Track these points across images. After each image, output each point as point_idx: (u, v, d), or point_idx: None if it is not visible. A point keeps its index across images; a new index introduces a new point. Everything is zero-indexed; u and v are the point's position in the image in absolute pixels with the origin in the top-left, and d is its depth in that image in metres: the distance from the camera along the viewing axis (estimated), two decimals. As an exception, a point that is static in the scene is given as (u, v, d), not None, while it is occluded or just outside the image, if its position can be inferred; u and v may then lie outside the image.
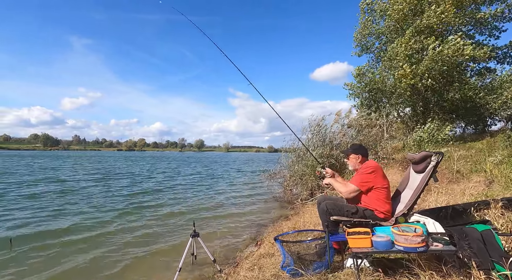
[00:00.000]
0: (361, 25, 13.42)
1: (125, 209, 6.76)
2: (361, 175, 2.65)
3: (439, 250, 1.93)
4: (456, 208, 2.96)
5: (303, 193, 6.66)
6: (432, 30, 10.52)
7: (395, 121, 13.03)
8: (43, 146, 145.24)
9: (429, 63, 9.68)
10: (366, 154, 2.84)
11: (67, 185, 10.99)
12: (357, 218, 2.58)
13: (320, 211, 2.77)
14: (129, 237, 4.70)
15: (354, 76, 13.38)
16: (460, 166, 5.63)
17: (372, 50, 14.19)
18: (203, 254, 3.25)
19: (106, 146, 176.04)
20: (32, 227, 5.22)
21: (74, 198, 8.14)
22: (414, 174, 2.70)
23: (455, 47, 9.13)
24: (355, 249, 2.11)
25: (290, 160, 7.61)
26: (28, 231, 5.01)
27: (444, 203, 3.54)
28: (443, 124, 10.10)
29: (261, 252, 3.19)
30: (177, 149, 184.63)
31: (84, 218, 5.86)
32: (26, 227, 5.23)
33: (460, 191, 4.06)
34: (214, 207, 7.23)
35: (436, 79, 10.64)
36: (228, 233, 4.82)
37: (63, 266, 3.55)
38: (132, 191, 9.67)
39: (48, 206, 7.04)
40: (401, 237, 1.97)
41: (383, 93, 12.82)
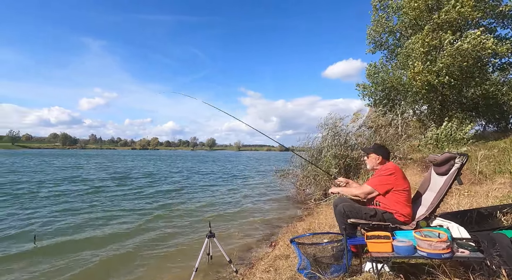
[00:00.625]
0: (374, 23, 13.10)
1: (143, 209, 6.89)
2: (379, 177, 2.58)
3: (466, 257, 1.85)
4: (481, 212, 2.83)
5: (316, 193, 6.58)
6: (451, 25, 10.11)
7: (410, 120, 12.63)
8: (62, 145, 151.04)
9: (447, 59, 9.31)
10: (387, 156, 2.76)
11: (91, 184, 11.25)
12: (375, 221, 2.51)
13: (337, 214, 2.72)
14: (146, 236, 4.78)
15: (366, 76, 13.10)
16: (483, 167, 5.39)
17: (386, 46, 13.83)
18: (218, 254, 3.27)
19: (121, 145, 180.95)
20: (56, 224, 5.45)
21: (97, 197, 8.35)
22: (436, 176, 2.60)
23: (475, 42, 8.73)
24: (375, 253, 2.06)
25: (303, 160, 7.52)
26: (52, 228, 5.24)
27: (467, 206, 3.41)
28: (461, 123, 9.70)
29: (276, 253, 3.17)
30: (189, 148, 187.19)
31: (102, 217, 6.04)
32: (51, 224, 5.45)
33: (483, 193, 3.88)
34: (228, 207, 7.27)
35: (454, 76, 10.23)
36: (242, 233, 4.84)
37: (81, 265, 3.65)
38: (151, 191, 9.83)
39: (72, 204, 7.29)
40: (424, 242, 1.90)
41: (397, 91, 12.47)
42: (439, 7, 10.23)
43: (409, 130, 10.87)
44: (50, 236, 4.79)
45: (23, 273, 3.42)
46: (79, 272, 3.45)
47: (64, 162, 26.04)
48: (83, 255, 3.96)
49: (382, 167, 2.68)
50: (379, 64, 13.41)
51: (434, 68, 9.53)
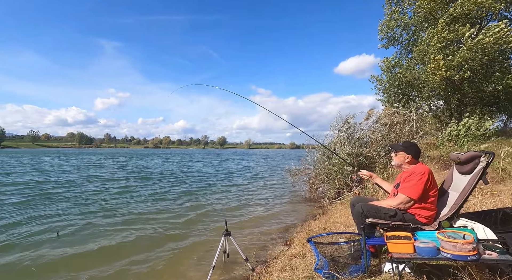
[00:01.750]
0: (387, 17, 12.75)
1: (161, 208, 6.99)
2: (415, 184, 2.39)
3: (494, 259, 1.78)
4: (507, 212, 2.70)
5: (330, 192, 6.51)
6: (469, 17, 9.68)
7: (426, 116, 12.26)
8: (78, 144, 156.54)
9: (467, 53, 8.93)
10: (417, 155, 2.60)
11: (116, 183, 11.39)
12: (395, 221, 2.46)
13: (354, 213, 2.68)
14: (164, 234, 4.87)
15: (383, 70, 12.78)
16: (506, 164, 5.16)
17: (400, 41, 13.44)
18: (234, 252, 3.30)
19: (134, 144, 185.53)
20: (82, 220, 5.68)
21: (122, 196, 8.46)
22: (459, 175, 2.52)
23: (498, 35, 8.33)
24: (396, 254, 2.02)
25: (316, 158, 7.47)
26: (79, 222, 5.48)
27: (490, 206, 3.28)
28: (481, 118, 9.32)
29: (292, 252, 3.17)
30: (200, 146, 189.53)
31: (123, 214, 6.23)
32: (81, 221, 5.68)
33: (508, 192, 3.72)
34: (242, 205, 7.31)
35: (474, 71, 9.81)
36: (258, 231, 4.86)
37: (98, 267, 3.77)
38: (175, 191, 9.82)
39: (107, 204, 7.47)
40: (448, 244, 1.84)
41: (412, 86, 12.12)
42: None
43: (424, 126, 10.56)
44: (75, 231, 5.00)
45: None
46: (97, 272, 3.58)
47: (87, 161, 26.88)
48: (101, 255, 4.08)
49: (415, 169, 2.49)
50: (394, 60, 13.08)
51: (453, 63, 9.18)
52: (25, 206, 6.93)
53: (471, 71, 9.51)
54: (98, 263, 3.66)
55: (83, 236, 4.78)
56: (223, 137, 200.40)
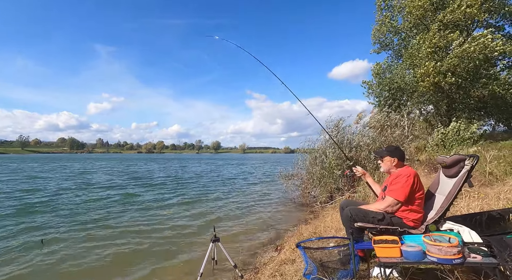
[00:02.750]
0: (379, 23, 13.03)
1: (151, 215, 6.88)
2: (402, 187, 2.40)
3: (478, 262, 1.79)
4: (492, 215, 2.74)
5: (322, 196, 6.51)
6: (457, 24, 9.98)
7: (417, 120, 12.49)
8: (69, 149, 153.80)
9: (454, 60, 9.17)
10: (402, 158, 2.62)
11: (113, 190, 11.02)
12: (383, 225, 2.46)
13: (343, 217, 2.67)
14: (149, 241, 4.77)
15: (373, 75, 13.01)
16: (493, 168, 5.26)
17: (391, 46, 13.74)
18: (223, 259, 3.24)
19: (127, 149, 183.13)
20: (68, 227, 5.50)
21: (114, 204, 8.22)
22: (445, 179, 2.54)
23: (482, 44, 8.58)
24: (383, 258, 2.01)
25: (308, 162, 7.48)
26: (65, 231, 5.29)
27: (477, 208, 3.31)
28: (469, 122, 9.52)
29: (281, 258, 3.13)
30: (194, 151, 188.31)
31: (108, 219, 6.08)
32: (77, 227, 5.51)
33: (494, 195, 3.77)
34: (233, 209, 7.24)
35: (461, 76, 10.06)
36: (247, 237, 4.81)
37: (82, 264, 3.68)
38: (169, 196, 9.79)
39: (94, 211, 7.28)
40: (434, 247, 1.84)
41: (403, 91, 12.34)
42: (443, 6, 10.12)
43: (415, 131, 10.73)
44: (59, 240, 4.84)
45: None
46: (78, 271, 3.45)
47: (76, 167, 26.28)
48: (88, 254, 3.98)
49: (401, 172, 2.50)
50: (385, 64, 13.33)
51: (442, 68, 9.40)
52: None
53: (458, 77, 9.74)
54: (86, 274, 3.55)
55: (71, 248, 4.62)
56: (217, 142, 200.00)
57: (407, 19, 11.71)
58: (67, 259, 3.99)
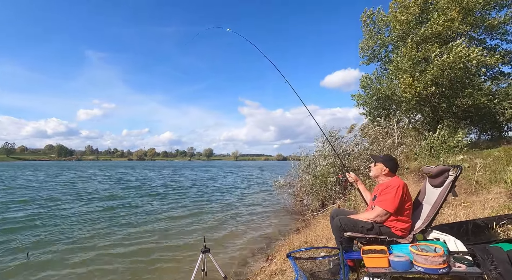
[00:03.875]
0: (366, 36, 13.43)
1: (139, 223, 6.78)
2: (389, 195, 2.45)
3: (463, 272, 1.82)
4: (477, 223, 2.82)
5: (313, 204, 6.52)
6: (439, 37, 10.39)
7: (406, 128, 12.77)
8: (57, 157, 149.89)
9: (436, 71, 9.51)
10: (394, 169, 2.68)
11: (105, 201, 10.57)
12: (372, 234, 2.48)
13: (333, 227, 2.69)
14: (137, 251, 4.68)
15: (360, 86, 13.33)
16: (479, 176, 5.40)
17: (380, 58, 14.13)
18: (213, 270, 3.19)
19: (118, 156, 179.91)
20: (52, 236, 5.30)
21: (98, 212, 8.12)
22: (431, 188, 2.60)
23: (460, 53, 8.94)
24: (372, 269, 2.02)
25: (300, 170, 7.53)
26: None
27: (464, 217, 3.39)
28: (455, 131, 9.80)
29: (272, 268, 3.11)
30: (186, 158, 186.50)
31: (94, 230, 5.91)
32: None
33: (480, 203, 3.88)
34: (225, 219, 7.16)
35: (444, 86, 10.42)
36: (239, 247, 4.75)
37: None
38: (147, 205, 9.68)
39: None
40: (420, 257, 1.87)
41: (392, 101, 12.65)
42: (427, 19, 10.54)
43: (405, 139, 10.95)
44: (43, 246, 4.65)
45: None
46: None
47: (67, 176, 25.56)
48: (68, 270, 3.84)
49: (390, 183, 2.55)
50: (373, 76, 13.67)
51: (425, 79, 9.71)
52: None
53: (440, 87, 10.07)
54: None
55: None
56: (209, 149, 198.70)
57: (393, 33, 12.14)
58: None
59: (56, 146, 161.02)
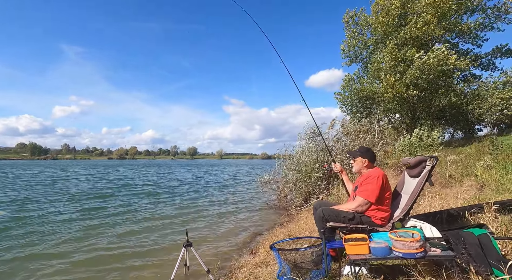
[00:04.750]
0: (348, 37, 13.74)
1: (120, 220, 6.55)
2: (370, 186, 2.52)
3: (438, 255, 1.90)
4: (451, 213, 2.96)
5: (297, 199, 6.60)
6: (416, 41, 10.86)
7: (386, 127, 13.25)
8: (30, 155, 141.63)
9: (415, 72, 9.93)
10: (373, 159, 2.75)
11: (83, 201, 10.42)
12: (354, 224, 2.54)
13: (316, 218, 2.72)
14: (119, 248, 4.54)
15: (342, 87, 13.65)
16: (452, 171, 5.70)
17: (361, 59, 14.51)
18: (196, 265, 3.14)
19: (97, 155, 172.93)
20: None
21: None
22: (409, 179, 2.70)
23: (440, 57, 9.41)
24: (353, 256, 2.07)
25: (284, 166, 7.60)
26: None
27: (438, 207, 3.55)
28: (431, 130, 10.28)
29: (256, 261, 3.10)
30: (170, 157, 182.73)
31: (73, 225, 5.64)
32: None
33: (453, 195, 4.08)
34: (208, 214, 7.10)
35: (422, 88, 10.91)
36: (222, 242, 4.71)
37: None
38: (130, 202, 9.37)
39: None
40: (399, 243, 1.94)
41: (373, 100, 13.06)
42: (407, 22, 10.97)
43: (385, 137, 11.35)
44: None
45: None
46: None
47: (43, 176, 24.18)
48: (49, 266, 3.64)
49: (371, 173, 2.62)
50: (354, 76, 14.03)
51: (406, 81, 10.11)
52: None
53: (419, 89, 10.54)
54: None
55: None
56: (193, 148, 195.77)
57: (374, 35, 12.53)
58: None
59: (29, 144, 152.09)
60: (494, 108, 10.93)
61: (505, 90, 11.00)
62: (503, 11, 11.32)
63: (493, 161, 5.51)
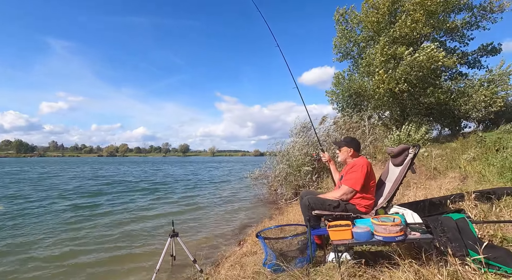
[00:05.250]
0: (339, 34, 13.84)
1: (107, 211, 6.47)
2: (355, 174, 2.54)
3: (417, 238, 1.95)
4: (433, 201, 3.05)
5: (287, 193, 6.66)
6: (406, 38, 11.03)
7: (376, 124, 13.47)
8: (16, 153, 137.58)
9: (405, 68, 10.10)
10: (358, 149, 2.78)
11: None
12: (338, 211, 2.57)
13: (302, 206, 2.75)
14: (105, 238, 4.56)
15: (333, 84, 13.76)
16: (437, 164, 5.85)
17: (352, 56, 14.65)
18: (183, 255, 3.12)
19: (86, 152, 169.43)
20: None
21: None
22: (393, 167, 2.75)
23: (430, 54, 9.59)
24: (336, 241, 2.10)
25: (275, 160, 7.64)
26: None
27: (422, 197, 3.64)
28: (419, 126, 10.51)
29: (243, 251, 3.12)
30: (161, 154, 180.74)
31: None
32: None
33: (437, 186, 4.20)
34: (198, 208, 7.12)
35: (411, 84, 11.11)
36: (213, 234, 4.74)
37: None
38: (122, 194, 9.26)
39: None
40: (380, 227, 1.97)
41: (363, 97, 13.23)
42: (396, 20, 11.13)
43: (375, 133, 11.53)
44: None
45: None
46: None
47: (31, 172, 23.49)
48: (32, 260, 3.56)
49: (356, 162, 2.65)
50: (345, 73, 14.17)
51: (396, 76, 10.28)
52: None
53: (408, 84, 10.73)
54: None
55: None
56: (185, 145, 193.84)
57: (364, 33, 12.66)
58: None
59: (14, 141, 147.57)
60: (479, 105, 11.25)
61: (490, 87, 11.32)
62: (489, 10, 11.60)
63: (476, 154, 5.69)
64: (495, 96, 11.10)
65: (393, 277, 1.87)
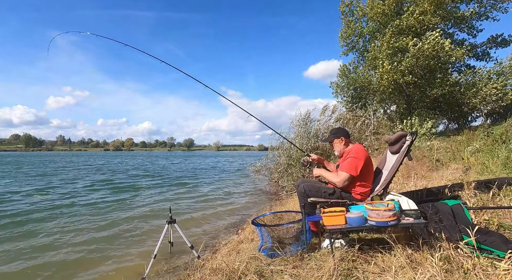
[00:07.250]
0: (345, 26, 13.58)
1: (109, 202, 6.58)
2: (351, 160, 2.52)
3: (410, 223, 1.94)
4: (431, 190, 3.02)
5: (289, 184, 6.67)
6: (412, 29, 10.76)
7: (382, 118, 13.27)
8: (25, 147, 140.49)
9: (411, 59, 9.88)
10: (347, 135, 2.76)
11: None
12: (334, 199, 2.56)
13: (298, 194, 2.75)
14: (103, 224, 4.69)
15: (338, 76, 13.57)
16: (440, 156, 5.77)
17: (358, 48, 14.39)
18: (181, 241, 3.17)
19: (93, 146, 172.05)
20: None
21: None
22: (390, 155, 2.72)
23: (434, 42, 9.35)
24: (329, 226, 2.10)
25: (277, 152, 7.64)
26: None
27: (422, 187, 3.60)
28: (424, 120, 10.33)
29: (240, 238, 3.15)
30: (166, 148, 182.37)
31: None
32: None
33: (438, 177, 4.15)
34: (203, 200, 7.19)
35: (418, 75, 10.88)
36: (211, 223, 4.81)
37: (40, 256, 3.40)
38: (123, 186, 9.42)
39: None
40: (373, 212, 1.97)
41: (368, 90, 13.03)
42: (403, 11, 10.85)
43: (380, 128, 11.38)
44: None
45: None
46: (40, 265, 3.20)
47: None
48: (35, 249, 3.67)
49: (351, 149, 2.64)
50: (351, 66, 13.95)
51: (400, 68, 10.07)
52: None
53: (414, 76, 10.51)
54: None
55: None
56: (190, 139, 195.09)
57: (370, 25, 12.39)
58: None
59: (23, 135, 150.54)
60: (488, 98, 10.96)
61: (499, 80, 11.01)
62: (499, 0, 11.21)
63: (480, 146, 5.58)
64: (506, 88, 10.80)
65: (386, 262, 1.87)
